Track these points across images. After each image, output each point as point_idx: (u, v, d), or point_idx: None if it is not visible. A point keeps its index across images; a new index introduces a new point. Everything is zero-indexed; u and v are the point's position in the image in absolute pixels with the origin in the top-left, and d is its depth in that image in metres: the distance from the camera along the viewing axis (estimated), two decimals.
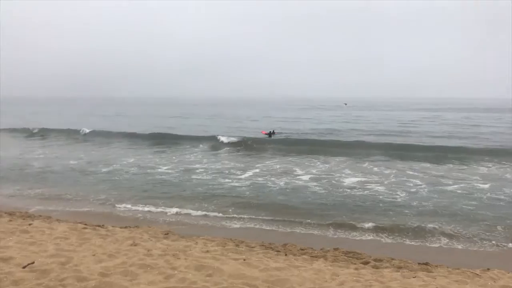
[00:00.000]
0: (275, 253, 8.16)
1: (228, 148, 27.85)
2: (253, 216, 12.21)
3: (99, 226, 9.83)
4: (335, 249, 8.80)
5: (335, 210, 12.92)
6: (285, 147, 27.71)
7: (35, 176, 18.06)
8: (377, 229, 11.08)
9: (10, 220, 9.75)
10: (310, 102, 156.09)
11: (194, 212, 12.67)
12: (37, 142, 31.58)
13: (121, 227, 9.84)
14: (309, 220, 11.83)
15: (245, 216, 12.28)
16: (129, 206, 13.28)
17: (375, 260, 7.97)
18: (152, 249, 7.60)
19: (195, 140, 30.60)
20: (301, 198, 14.40)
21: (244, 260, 7.15)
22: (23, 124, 40.81)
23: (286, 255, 8.08)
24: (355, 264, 7.67)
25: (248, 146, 28.21)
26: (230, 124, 48.84)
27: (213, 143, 29.24)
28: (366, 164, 21.23)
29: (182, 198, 14.38)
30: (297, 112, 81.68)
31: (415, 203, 13.60)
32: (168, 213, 12.58)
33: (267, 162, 22.21)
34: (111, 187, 16.05)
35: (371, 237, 10.59)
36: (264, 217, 12.12)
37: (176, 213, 12.61)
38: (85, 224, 9.83)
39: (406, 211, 12.75)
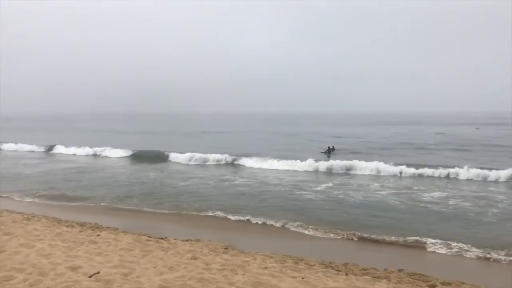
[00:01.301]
0: (335, 272, 7.89)
1: (293, 164, 27.20)
2: (327, 236, 11.95)
3: (162, 238, 10.10)
4: (400, 270, 8.36)
5: (411, 227, 12.47)
6: (352, 161, 27.05)
7: (124, 187, 19.41)
8: (448, 249, 10.48)
9: (81, 231, 10.30)
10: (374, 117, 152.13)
11: (270, 221, 13.21)
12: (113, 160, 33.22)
13: (182, 240, 10.02)
14: (379, 237, 11.50)
15: (312, 233, 12.19)
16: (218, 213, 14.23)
17: (442, 283, 7.45)
18: (211, 263, 7.65)
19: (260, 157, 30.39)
20: (379, 212, 14.24)
21: (302, 278, 6.98)
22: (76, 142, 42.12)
23: (346, 274, 7.79)
24: (420, 287, 7.23)
25: (315, 161, 27.71)
26: (289, 141, 48.73)
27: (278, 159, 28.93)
28: (444, 182, 20.31)
29: (258, 209, 14.82)
30: (361, 127, 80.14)
31: (506, 222, 12.77)
32: (252, 222, 13.29)
33: (340, 178, 22.12)
34: (192, 197, 16.91)
35: (442, 258, 10.01)
36: (333, 236, 11.90)
37: (254, 222, 13.28)
38: (149, 236, 10.14)
39: (494, 230, 11.98)
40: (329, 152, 32.95)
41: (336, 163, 25.09)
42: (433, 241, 10.92)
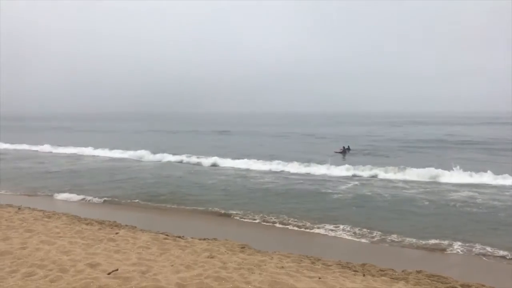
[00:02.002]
0: (353, 273, 7.83)
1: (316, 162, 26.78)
2: (345, 236, 11.88)
3: (179, 237, 10.17)
4: (418, 272, 8.24)
5: (434, 226, 12.36)
6: (374, 160, 26.73)
7: (148, 186, 19.76)
8: (471, 250, 10.34)
9: (100, 229, 10.45)
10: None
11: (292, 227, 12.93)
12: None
13: (199, 239, 10.08)
14: (399, 237, 11.41)
15: (329, 233, 12.14)
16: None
17: (462, 285, 7.33)
18: (228, 262, 7.67)
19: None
20: (404, 211, 14.31)
21: (319, 278, 6.95)
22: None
23: (364, 275, 7.72)
24: None
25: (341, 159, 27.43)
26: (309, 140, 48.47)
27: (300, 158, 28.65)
28: (473, 179, 20.11)
29: (277, 209, 14.79)
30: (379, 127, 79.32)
31: None
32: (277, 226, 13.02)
33: (367, 176, 22.17)
34: (221, 196, 17.18)
35: (464, 259, 9.89)
36: (352, 237, 11.84)
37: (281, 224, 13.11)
38: (166, 235, 10.23)
39: None
40: (344, 152, 32.43)
41: (358, 167, 24.07)
42: (455, 242, 10.80)
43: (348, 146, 33.73)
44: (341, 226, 12.47)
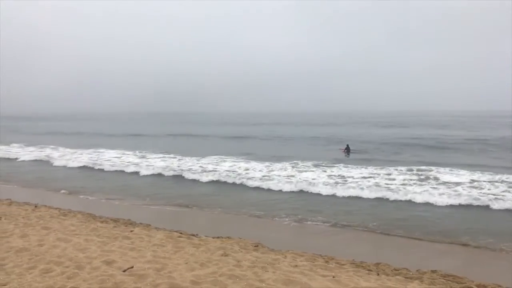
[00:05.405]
0: (367, 272, 7.80)
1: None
2: (359, 235, 11.86)
3: (193, 235, 10.25)
4: (433, 271, 8.18)
5: (455, 225, 12.30)
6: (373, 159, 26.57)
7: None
8: (489, 250, 10.23)
9: (115, 226, 10.57)
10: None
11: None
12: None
13: (213, 237, 10.14)
14: (418, 236, 11.41)
15: (341, 230, 12.02)
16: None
17: (477, 285, 7.25)
18: (242, 260, 7.69)
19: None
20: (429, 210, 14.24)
21: (333, 277, 6.94)
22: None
23: (378, 274, 7.69)
24: None
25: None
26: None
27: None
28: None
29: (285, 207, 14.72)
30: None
31: None
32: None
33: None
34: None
35: (476, 260, 9.79)
36: (367, 235, 11.85)
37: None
38: (180, 233, 10.30)
39: None
40: (347, 152, 32.15)
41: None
42: (474, 241, 10.77)
43: (348, 145, 33.38)
44: (349, 225, 12.53)
